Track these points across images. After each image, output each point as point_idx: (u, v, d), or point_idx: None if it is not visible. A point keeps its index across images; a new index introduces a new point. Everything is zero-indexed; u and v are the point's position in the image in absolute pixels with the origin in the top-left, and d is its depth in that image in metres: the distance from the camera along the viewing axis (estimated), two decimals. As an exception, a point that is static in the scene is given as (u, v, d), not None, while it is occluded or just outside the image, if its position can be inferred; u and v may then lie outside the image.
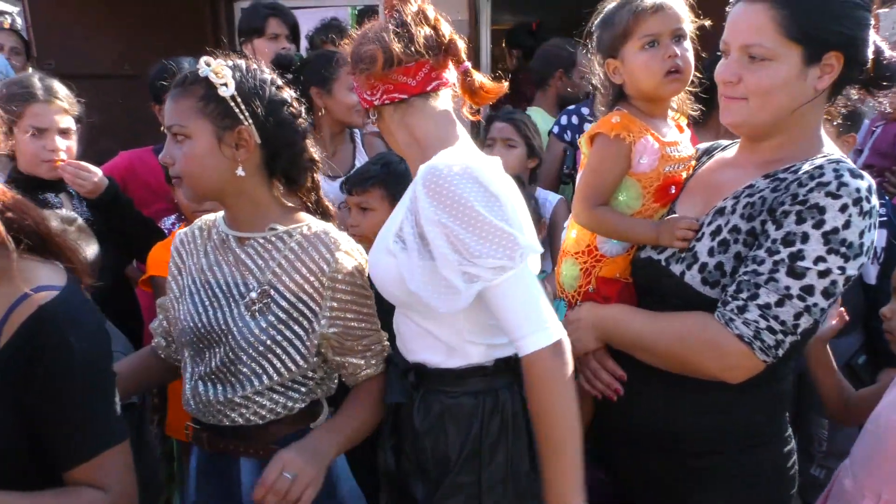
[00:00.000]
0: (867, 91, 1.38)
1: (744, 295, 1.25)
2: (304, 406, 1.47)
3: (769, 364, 1.27)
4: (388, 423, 1.46)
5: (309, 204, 1.58)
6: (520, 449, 1.37)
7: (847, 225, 1.20)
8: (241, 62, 1.45)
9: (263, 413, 1.43)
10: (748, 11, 1.29)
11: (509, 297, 1.25)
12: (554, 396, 1.24)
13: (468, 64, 1.41)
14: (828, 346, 1.73)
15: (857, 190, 1.21)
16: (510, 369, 1.38)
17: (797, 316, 1.22)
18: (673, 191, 1.51)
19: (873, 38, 1.30)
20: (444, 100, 1.41)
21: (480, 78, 1.42)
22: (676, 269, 1.37)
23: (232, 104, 1.38)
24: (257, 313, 1.40)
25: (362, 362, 1.48)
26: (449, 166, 1.25)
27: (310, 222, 1.49)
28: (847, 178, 1.21)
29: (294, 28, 3.05)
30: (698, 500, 1.43)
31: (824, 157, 1.29)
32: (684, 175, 1.53)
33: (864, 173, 1.25)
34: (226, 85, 1.36)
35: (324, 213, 1.60)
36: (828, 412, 1.87)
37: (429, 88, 1.36)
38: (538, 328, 1.24)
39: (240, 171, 1.39)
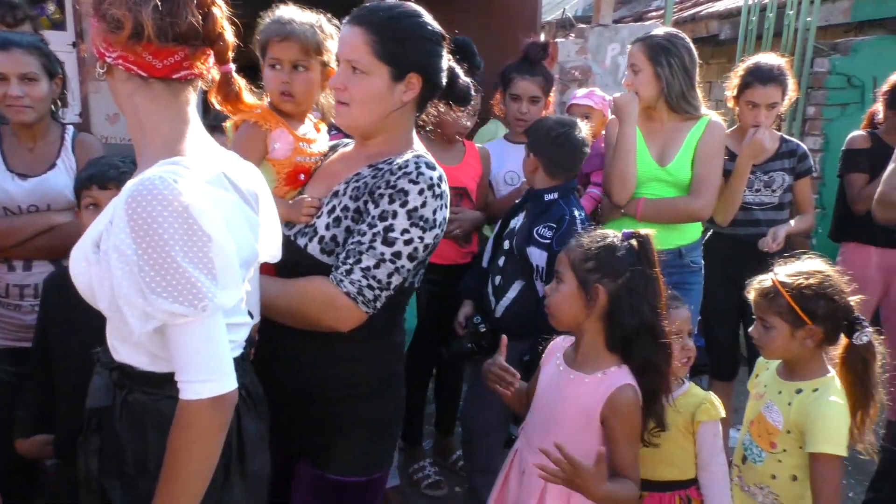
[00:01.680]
0: (450, 106, 1.75)
1: (350, 260, 1.50)
2: None
3: (373, 316, 1.53)
4: (91, 425, 1.35)
5: None
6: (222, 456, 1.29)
7: (424, 204, 1.50)
8: None
9: None
10: (351, 32, 1.55)
11: (184, 341, 1.18)
12: (197, 447, 1.19)
13: (232, 67, 1.32)
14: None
15: (431, 178, 1.52)
16: None
17: (390, 275, 1.50)
18: (302, 178, 1.77)
19: (450, 65, 1.65)
20: (188, 94, 1.29)
21: (243, 87, 1.35)
22: (301, 242, 1.59)
23: None
24: None
25: None
26: (159, 189, 1.12)
27: None
28: (424, 169, 1.52)
29: None
30: (340, 444, 1.62)
31: (412, 153, 1.58)
32: (315, 166, 1.81)
33: (437, 166, 1.57)
34: None
35: None
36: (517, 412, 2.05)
37: (175, 76, 1.24)
38: (207, 378, 1.18)
39: None
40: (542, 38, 4.29)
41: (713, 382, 3.16)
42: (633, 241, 1.73)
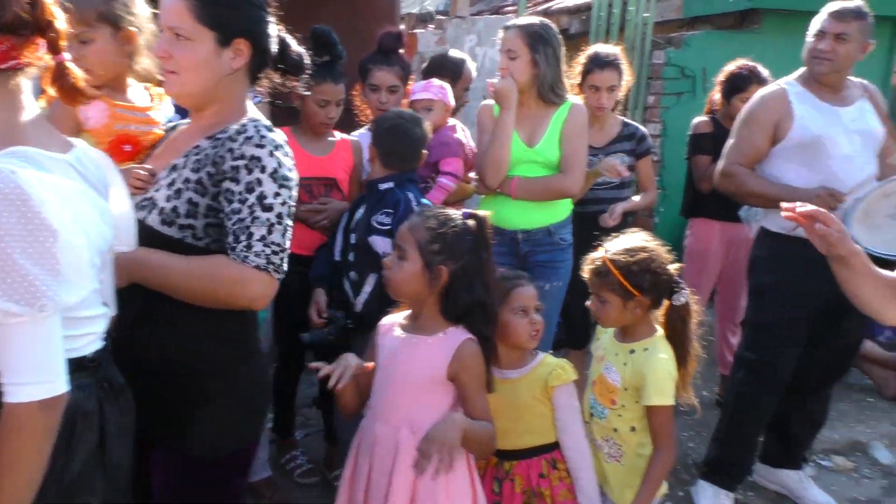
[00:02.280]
0: (284, 75, 1.73)
1: (243, 238, 1.50)
2: None
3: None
4: None
5: None
6: (74, 448, 1.26)
7: (280, 164, 1.52)
8: None
9: None
10: None
11: (18, 341, 1.12)
12: (26, 453, 1.14)
13: (66, 57, 1.27)
14: None
15: (275, 140, 1.54)
16: (85, 368, 1.29)
17: (283, 235, 1.54)
18: (129, 149, 1.77)
19: (280, 33, 1.66)
20: (18, 82, 1.23)
21: (80, 78, 1.29)
22: (140, 215, 1.55)
23: None
24: None
25: None
26: None
27: None
28: (264, 132, 1.53)
29: None
30: (197, 422, 1.61)
31: (247, 118, 1.58)
32: (145, 137, 1.81)
33: (275, 128, 1.58)
34: None
35: None
36: None
37: (1, 67, 1.19)
38: (39, 381, 1.14)
39: None
40: (403, 29, 4.36)
41: (569, 351, 3.37)
42: (471, 222, 1.81)
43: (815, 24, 2.72)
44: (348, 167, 2.87)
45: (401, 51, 3.07)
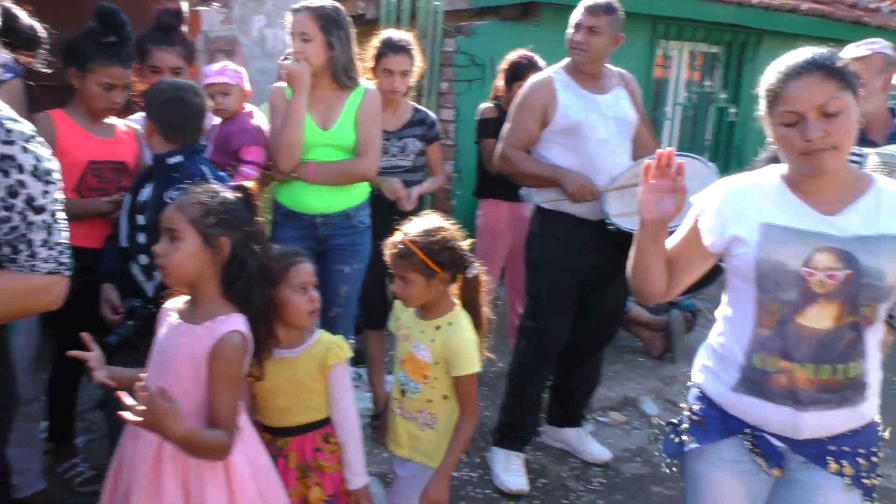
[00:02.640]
0: (14, 50, 1.62)
1: (23, 247, 1.42)
2: None
3: None
4: None
5: None
6: None
7: (38, 158, 1.42)
8: None
9: None
10: None
11: None
12: None
13: None
14: None
15: (23, 131, 1.41)
16: None
17: (62, 233, 1.47)
18: None
19: (3, 4, 1.55)
20: None
21: None
22: None
23: None
24: None
25: None
26: None
27: None
28: (10, 124, 1.39)
29: None
30: None
31: None
32: None
33: (19, 118, 1.43)
34: None
35: None
36: None
37: None
38: None
39: None
40: (186, 6, 4.11)
41: (367, 332, 3.43)
42: (240, 193, 1.81)
43: (573, 17, 2.97)
44: (134, 152, 2.68)
45: (183, 28, 2.91)
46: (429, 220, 2.11)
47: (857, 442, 1.63)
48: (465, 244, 2.13)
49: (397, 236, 2.09)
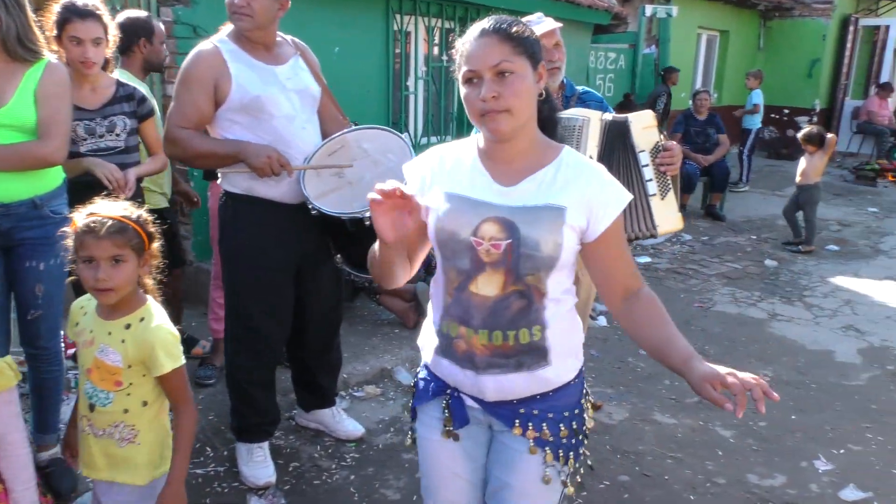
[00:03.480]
0: None
1: None
2: None
3: None
4: None
5: None
6: None
7: None
8: None
9: None
10: None
11: None
12: None
13: None
14: None
15: None
16: None
17: None
18: None
19: None
20: None
21: None
22: None
23: None
24: None
25: None
26: None
27: None
28: None
29: None
30: None
31: None
32: None
33: None
34: None
35: None
36: None
37: None
38: None
39: None
40: None
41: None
42: None
43: None
44: None
45: None
46: (106, 201, 1.90)
47: (547, 406, 1.66)
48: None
49: (95, 214, 1.82)
